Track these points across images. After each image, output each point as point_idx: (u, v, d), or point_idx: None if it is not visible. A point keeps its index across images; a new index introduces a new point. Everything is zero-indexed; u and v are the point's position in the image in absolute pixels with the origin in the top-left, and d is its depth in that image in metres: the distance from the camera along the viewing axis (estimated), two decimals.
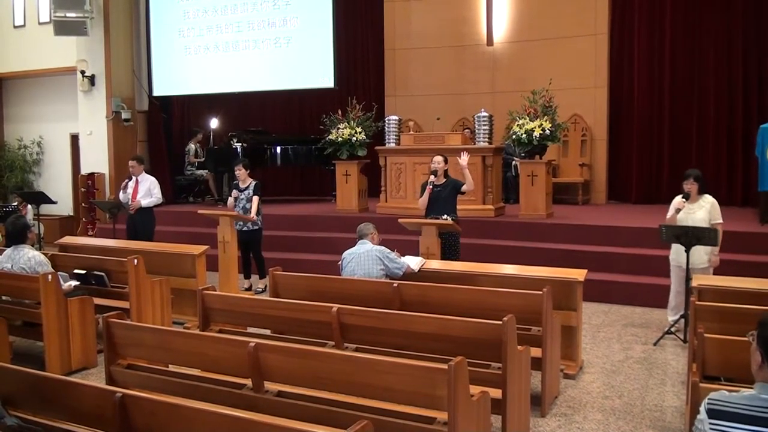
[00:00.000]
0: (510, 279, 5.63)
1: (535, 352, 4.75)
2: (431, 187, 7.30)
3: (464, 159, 7.40)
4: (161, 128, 13.49)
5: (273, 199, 10.66)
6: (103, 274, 6.58)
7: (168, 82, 13.31)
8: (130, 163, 9.00)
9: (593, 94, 11.70)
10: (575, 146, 11.91)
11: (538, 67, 11.69)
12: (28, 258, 5.91)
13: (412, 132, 10.77)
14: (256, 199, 8.45)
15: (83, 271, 6.61)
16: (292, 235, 10.28)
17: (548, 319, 4.85)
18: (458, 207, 7.56)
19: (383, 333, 4.38)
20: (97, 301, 6.21)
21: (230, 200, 8.63)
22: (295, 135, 13.34)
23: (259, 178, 8.80)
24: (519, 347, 4.27)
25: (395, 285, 5.18)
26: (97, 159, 12.69)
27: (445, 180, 7.41)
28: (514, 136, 9.51)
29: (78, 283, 6.27)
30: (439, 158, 7.42)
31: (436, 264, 6.16)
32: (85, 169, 12.80)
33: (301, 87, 12.66)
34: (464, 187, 7.31)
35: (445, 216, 7.22)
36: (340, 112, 10.78)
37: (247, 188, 8.54)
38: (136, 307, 6.42)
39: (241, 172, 8.55)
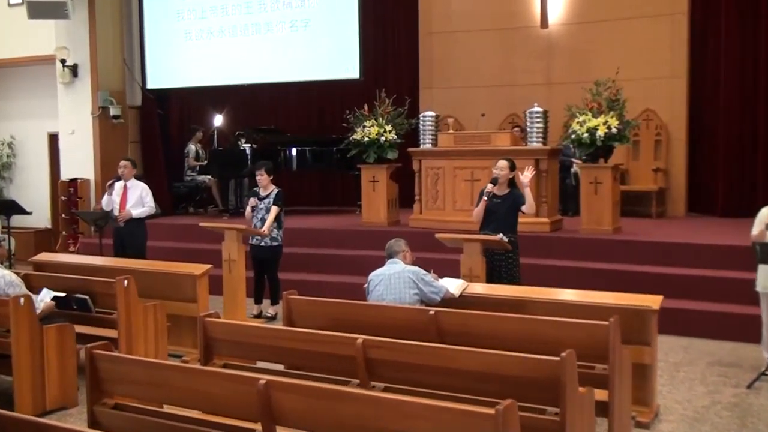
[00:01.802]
0: (569, 306, 5.58)
1: (600, 394, 4.68)
2: (486, 198, 7.27)
3: (527, 176, 7.35)
4: (156, 127, 13.66)
5: (287, 210, 10.71)
6: (86, 297, 6.63)
7: (164, 72, 13.48)
8: (122, 163, 9.12)
9: (669, 86, 11.59)
10: (648, 148, 11.80)
11: (602, 54, 11.61)
12: None
13: (451, 131, 10.73)
14: (274, 209, 8.53)
15: (63, 294, 6.66)
16: (308, 252, 10.31)
17: (616, 355, 4.79)
18: None
19: (417, 370, 4.35)
20: (79, 329, 6.26)
21: (247, 210, 8.72)
22: (313, 134, 13.41)
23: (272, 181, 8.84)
24: (580, 389, 4.21)
25: (432, 312, 5.15)
26: (80, 162, 12.85)
27: (507, 191, 7.37)
28: (573, 136, 9.45)
29: (60, 294, 6.33)
30: (503, 163, 7.38)
31: (480, 288, 6.12)
32: (66, 175, 12.97)
33: (321, 78, 12.74)
34: (524, 207, 7.29)
35: (500, 235, 7.17)
36: (366, 107, 10.81)
37: (267, 196, 8.62)
38: (125, 336, 6.46)
39: (263, 177, 8.66)
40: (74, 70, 12.81)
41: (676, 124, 11.67)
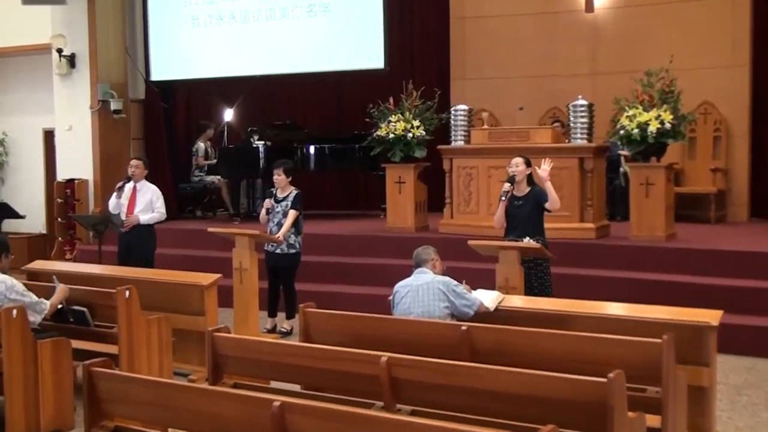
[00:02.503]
0: (617, 322, 5.54)
1: (652, 420, 4.65)
2: (505, 198, 7.26)
3: (545, 168, 7.35)
4: (161, 122, 13.74)
5: (305, 214, 10.71)
6: (84, 309, 6.67)
7: (170, 63, 13.55)
8: (134, 162, 9.17)
9: (730, 76, 11.50)
10: (705, 145, 11.73)
11: (654, 40, 11.55)
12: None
13: (486, 126, 10.71)
14: (292, 213, 8.53)
15: (59, 305, 6.72)
16: (328, 261, 10.32)
17: (670, 376, 4.75)
18: (547, 225, 7.49)
19: (448, 391, 4.34)
20: (76, 344, 6.29)
21: (262, 213, 8.76)
22: (333, 130, 13.43)
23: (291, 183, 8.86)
24: (630, 414, 4.18)
25: (464, 328, 5.15)
26: (78, 161, 12.93)
27: (528, 190, 7.36)
28: (622, 132, 9.39)
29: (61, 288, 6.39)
30: (518, 160, 7.38)
31: (517, 301, 6.10)
32: (62, 175, 13.07)
33: (342, 68, 12.75)
34: (548, 204, 7.28)
35: (527, 239, 7.18)
36: (392, 100, 10.81)
37: (285, 198, 8.64)
38: (126, 352, 6.49)
39: (281, 177, 8.67)
40: (71, 60, 12.89)
41: (738, 119, 11.57)
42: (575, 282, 8.56)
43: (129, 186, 9.04)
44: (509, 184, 7.31)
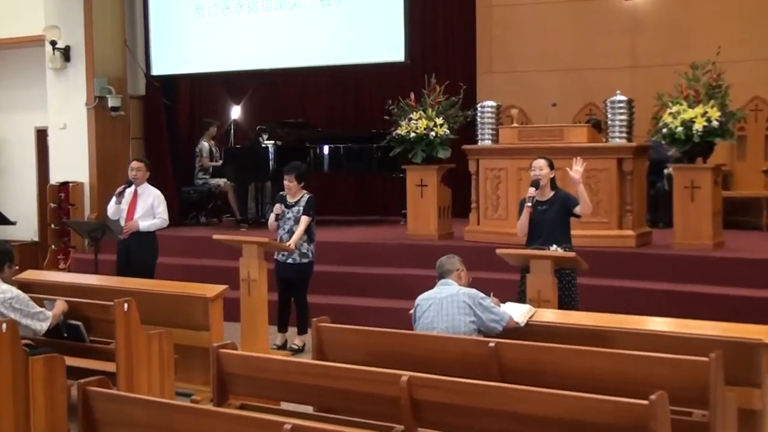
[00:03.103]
0: (660, 338, 5.52)
1: None
2: (531, 204, 7.25)
3: (577, 170, 7.32)
4: (163, 120, 13.79)
5: (318, 220, 10.75)
6: (79, 323, 6.69)
7: (173, 56, 13.60)
8: (135, 164, 9.20)
9: None
10: (757, 145, 11.68)
11: (700, 30, 11.51)
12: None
13: (515, 124, 10.69)
14: (305, 220, 8.54)
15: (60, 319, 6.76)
16: (343, 271, 10.33)
17: (718, 398, 4.72)
18: (582, 232, 7.48)
19: (474, 414, 4.33)
20: (71, 361, 6.30)
21: (271, 218, 8.78)
22: (349, 129, 13.44)
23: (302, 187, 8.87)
24: None
25: (492, 345, 5.13)
26: (72, 163, 12.98)
27: (552, 194, 7.35)
28: (665, 130, 9.36)
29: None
30: (540, 163, 7.36)
31: (551, 315, 6.10)
32: (56, 177, 13.12)
33: (358, 61, 12.76)
34: (578, 209, 7.24)
35: (554, 247, 7.16)
36: (413, 96, 10.81)
37: (297, 203, 8.65)
38: (125, 370, 6.50)
39: (292, 184, 8.69)
40: (66, 53, 12.95)
41: None
42: (613, 295, 8.53)
43: (130, 190, 9.08)
44: (534, 189, 7.28)
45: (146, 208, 9.06)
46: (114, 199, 9.11)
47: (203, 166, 13.20)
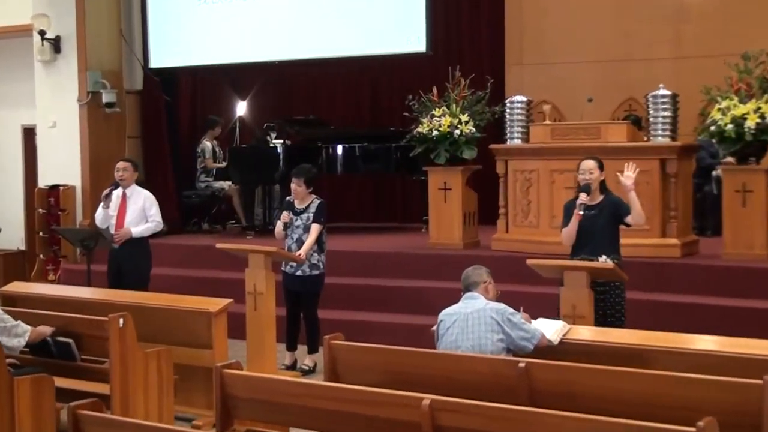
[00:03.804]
0: (708, 358, 5.49)
1: None
2: (580, 210, 7.22)
3: (629, 175, 7.28)
4: (162, 118, 13.82)
5: (331, 227, 10.80)
6: (70, 341, 6.70)
7: (173, 47, 13.64)
8: (121, 165, 9.22)
9: None
10: None
11: (752, 17, 11.47)
12: None
13: (548, 121, 10.66)
14: (315, 228, 8.53)
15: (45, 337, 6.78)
16: (357, 283, 10.34)
17: None
18: (621, 241, 7.42)
19: None
20: (60, 382, 6.32)
21: (278, 225, 8.75)
22: (365, 127, 13.45)
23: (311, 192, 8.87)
24: None
25: (522, 365, 5.12)
26: (63, 164, 12.99)
27: (601, 198, 7.32)
28: (713, 128, 9.33)
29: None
30: (590, 164, 7.33)
31: (586, 332, 6.07)
32: (45, 180, 13.14)
33: (376, 52, 12.77)
34: (629, 219, 7.22)
35: (603, 258, 7.14)
36: (435, 90, 10.81)
37: (306, 209, 8.66)
38: (120, 392, 6.51)
39: (300, 188, 8.66)
40: (56, 44, 12.97)
41: None
42: (656, 310, 8.50)
43: (117, 193, 9.11)
44: (585, 194, 7.24)
45: (137, 211, 9.08)
46: (101, 204, 9.13)
47: (206, 167, 13.23)
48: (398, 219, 13.69)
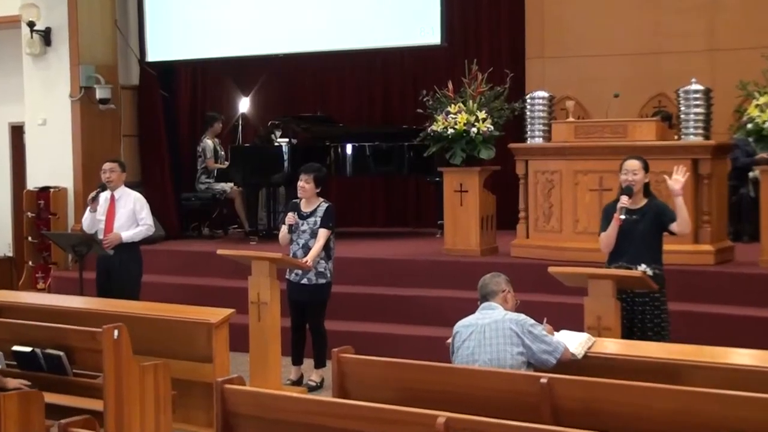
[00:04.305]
0: (745, 374, 5.46)
1: None
2: (621, 215, 7.18)
3: (677, 179, 7.19)
4: (160, 114, 13.84)
5: (339, 232, 10.82)
6: (60, 353, 6.71)
7: (171, 39, 13.66)
8: (107, 166, 9.25)
9: None
10: None
11: None
12: None
13: (571, 119, 10.65)
14: (323, 233, 8.51)
15: (28, 349, 6.76)
16: (369, 292, 10.35)
17: None
18: None
19: None
20: (50, 398, 6.30)
21: (283, 230, 8.73)
22: (376, 125, 13.45)
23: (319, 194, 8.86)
24: None
25: (544, 381, 5.11)
26: (54, 165, 13.03)
27: (644, 202, 7.29)
28: (750, 125, 9.32)
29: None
30: (634, 164, 7.25)
31: (612, 346, 6.07)
32: (34, 182, 13.18)
33: (387, 45, 12.77)
34: (674, 226, 7.14)
35: (642, 267, 7.10)
36: (450, 85, 10.82)
37: (313, 213, 8.64)
38: (114, 408, 6.51)
39: (308, 186, 8.60)
40: (46, 36, 13.01)
41: None
42: (688, 321, 8.45)
43: (105, 196, 9.15)
44: (627, 197, 7.19)
45: (127, 214, 9.12)
46: (88, 208, 9.17)
47: (207, 168, 13.23)
48: (411, 224, 13.69)
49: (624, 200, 7.15)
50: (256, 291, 8.26)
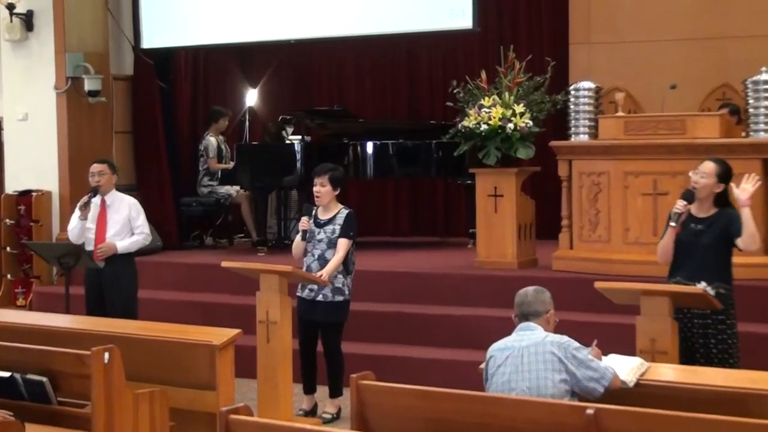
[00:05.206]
0: None
1: None
2: (675, 224, 7.16)
3: (745, 188, 7.14)
4: (157, 108, 13.83)
5: (359, 242, 10.83)
6: (43, 379, 6.72)
7: (170, 24, 13.67)
8: (95, 167, 9.26)
9: None
10: None
11: None
12: None
13: (621, 113, 10.62)
14: (344, 244, 8.44)
15: (7, 374, 6.75)
16: (392, 310, 10.36)
17: None
18: None
19: None
20: (32, 429, 6.30)
21: (297, 240, 8.74)
22: (400, 120, 13.48)
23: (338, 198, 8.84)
24: None
25: (590, 412, 5.09)
26: (36, 165, 13.02)
27: (714, 211, 7.25)
28: None
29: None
30: (708, 166, 7.21)
31: (669, 372, 6.06)
32: (13, 185, 13.19)
33: (412, 29, 12.76)
34: (741, 242, 7.09)
35: (702, 284, 7.06)
36: (484, 75, 10.82)
37: (331, 221, 8.60)
38: None
39: (325, 189, 8.52)
40: (28, 20, 12.99)
41: None
42: (758, 344, 8.45)
43: (96, 202, 9.17)
44: (684, 202, 7.17)
45: (121, 222, 9.14)
46: (77, 214, 9.16)
47: (210, 169, 13.27)
48: (439, 232, 13.73)
49: (679, 206, 7.15)
50: (264, 309, 8.25)
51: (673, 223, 7.12)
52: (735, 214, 7.15)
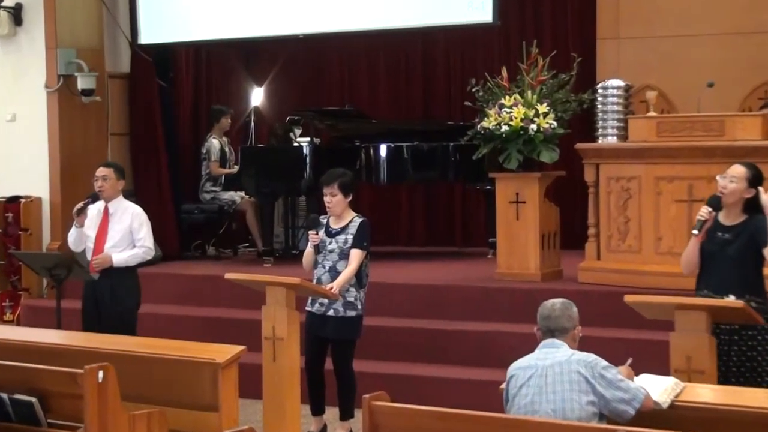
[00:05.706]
0: None
1: None
2: (697, 232, 7.14)
3: None
4: (156, 108, 13.85)
5: (372, 253, 10.86)
6: (33, 400, 6.72)
7: (169, 18, 13.70)
8: (101, 171, 9.21)
9: None
10: None
11: None
12: None
13: (652, 113, 10.61)
14: (357, 255, 8.39)
15: None
16: (407, 326, 10.37)
17: None
18: None
19: None
20: None
21: (307, 250, 8.71)
22: (416, 120, 13.48)
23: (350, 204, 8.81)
24: None
25: None
26: (26, 169, 13.01)
27: (743, 218, 7.22)
28: None
29: None
30: (737, 170, 7.20)
31: (707, 393, 6.04)
32: (1, 191, 13.12)
33: (429, 24, 12.77)
34: (766, 251, 7.05)
35: (731, 297, 7.03)
36: (505, 73, 10.83)
37: (343, 229, 8.57)
38: None
39: (336, 198, 8.49)
40: (17, 14, 12.99)
41: None
42: None
43: (98, 208, 9.15)
44: (709, 209, 7.15)
45: (122, 233, 9.09)
46: (75, 222, 9.13)
47: (212, 173, 13.30)
48: (457, 242, 13.74)
49: (704, 212, 7.12)
50: (270, 324, 8.25)
51: (695, 231, 7.10)
52: (764, 221, 7.10)
